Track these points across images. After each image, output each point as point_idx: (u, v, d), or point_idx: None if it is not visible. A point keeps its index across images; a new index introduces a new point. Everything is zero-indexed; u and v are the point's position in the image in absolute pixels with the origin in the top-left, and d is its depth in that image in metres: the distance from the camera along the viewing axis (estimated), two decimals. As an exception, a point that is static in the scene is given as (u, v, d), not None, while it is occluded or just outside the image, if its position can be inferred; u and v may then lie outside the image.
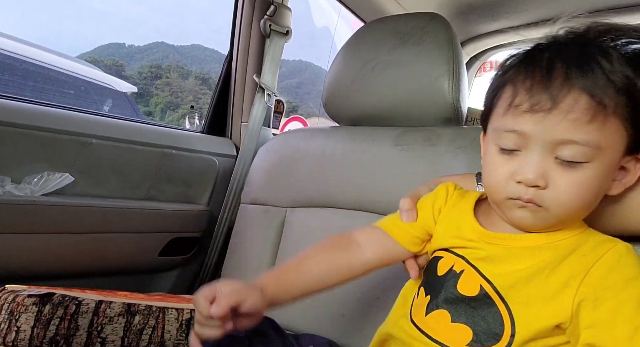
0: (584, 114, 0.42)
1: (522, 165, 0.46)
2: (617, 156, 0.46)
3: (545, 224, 0.48)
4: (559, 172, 0.45)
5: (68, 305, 0.66)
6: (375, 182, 0.88)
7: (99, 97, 2.92)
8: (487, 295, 0.49)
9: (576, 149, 0.43)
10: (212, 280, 1.27)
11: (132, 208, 1.06)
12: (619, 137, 0.45)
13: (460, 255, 0.53)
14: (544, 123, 0.44)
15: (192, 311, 0.76)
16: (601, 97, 0.42)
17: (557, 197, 0.45)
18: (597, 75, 0.43)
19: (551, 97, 0.43)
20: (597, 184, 0.46)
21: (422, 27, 0.90)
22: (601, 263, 0.45)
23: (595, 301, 0.44)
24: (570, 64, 0.44)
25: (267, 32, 1.26)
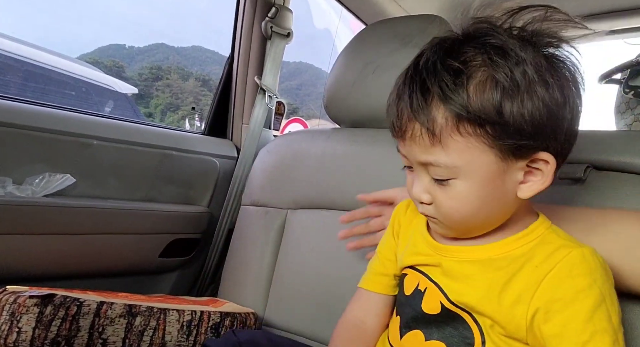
0: (425, 140, 0.46)
1: (412, 184, 0.50)
2: (489, 166, 0.45)
3: (453, 232, 0.51)
4: (437, 189, 0.48)
5: (69, 306, 0.66)
6: (376, 183, 0.88)
7: (99, 98, 2.93)
8: (449, 310, 0.50)
9: (436, 169, 0.46)
10: (213, 282, 1.27)
11: (133, 209, 1.06)
12: (477, 152, 0.45)
13: (423, 272, 0.55)
14: (405, 147, 0.49)
15: (193, 313, 0.76)
16: (429, 125, 0.45)
17: (440, 211, 0.49)
18: (425, 107, 0.45)
19: (400, 128, 0.48)
20: (474, 195, 0.46)
21: (423, 29, 0.90)
22: (552, 275, 0.45)
23: (546, 314, 0.44)
24: (407, 100, 0.47)
25: (269, 34, 1.26)
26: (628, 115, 0.94)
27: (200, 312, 0.77)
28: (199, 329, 0.75)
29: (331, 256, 0.91)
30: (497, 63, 0.43)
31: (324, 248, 0.92)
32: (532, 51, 0.45)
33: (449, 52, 0.46)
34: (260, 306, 0.97)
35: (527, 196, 0.47)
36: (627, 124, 0.94)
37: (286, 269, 0.97)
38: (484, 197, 0.47)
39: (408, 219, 0.62)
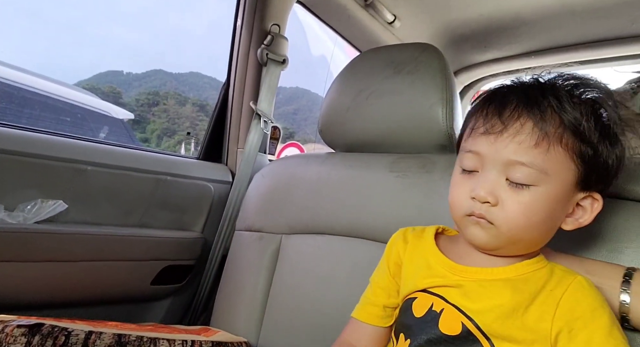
0: (529, 138, 0.48)
1: (477, 183, 0.50)
2: (566, 186, 0.49)
3: (497, 242, 0.51)
4: (508, 192, 0.49)
5: (57, 336, 0.64)
6: (371, 208, 0.88)
7: (95, 124, 2.94)
8: (469, 332, 0.50)
9: (523, 170, 0.48)
10: (205, 309, 1.24)
11: (126, 235, 1.05)
12: (566, 167, 0.49)
13: (438, 294, 0.55)
14: (495, 144, 0.49)
15: (184, 342, 0.74)
16: (544, 125, 0.48)
17: (505, 215, 0.49)
18: (542, 108, 0.49)
19: (502, 122, 0.49)
20: (544, 207, 0.49)
21: (415, 57, 0.92)
22: (567, 296, 0.48)
23: (570, 333, 0.47)
24: (521, 98, 0.50)
25: (264, 60, 1.28)
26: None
27: (192, 341, 0.75)
28: (190, 359, 0.73)
29: (326, 281, 0.89)
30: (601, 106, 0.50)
31: (319, 274, 0.91)
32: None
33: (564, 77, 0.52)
34: (253, 334, 0.94)
35: (570, 228, 0.52)
36: (619, 149, 0.95)
37: (281, 295, 0.95)
38: (549, 212, 0.49)
39: (411, 246, 0.63)
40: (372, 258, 0.85)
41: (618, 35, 1.33)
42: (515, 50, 1.47)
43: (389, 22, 1.38)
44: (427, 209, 0.81)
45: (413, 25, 1.41)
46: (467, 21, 1.35)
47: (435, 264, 0.57)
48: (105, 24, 51.15)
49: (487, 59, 1.56)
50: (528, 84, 0.53)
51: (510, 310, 0.49)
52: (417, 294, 0.57)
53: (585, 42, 1.38)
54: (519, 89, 0.52)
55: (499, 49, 1.48)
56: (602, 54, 1.38)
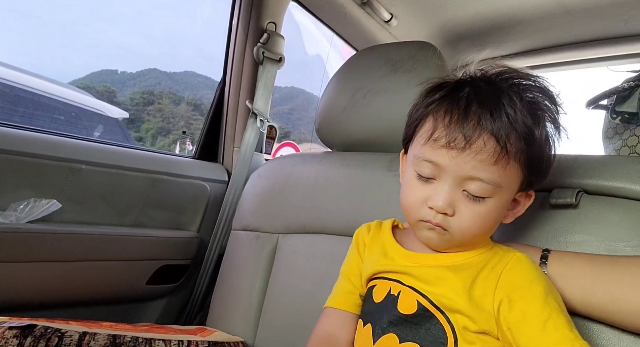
0: (491, 156, 0.49)
1: (435, 193, 0.52)
2: (513, 193, 0.54)
3: (448, 245, 0.55)
4: (464, 204, 0.51)
5: (50, 337, 0.63)
6: (368, 207, 0.88)
7: (89, 123, 2.91)
8: (425, 308, 0.54)
9: (480, 185, 0.50)
10: (202, 309, 1.23)
11: (121, 235, 1.04)
12: (516, 177, 0.52)
13: (395, 279, 0.58)
14: (457, 159, 0.50)
15: (180, 343, 0.73)
16: (505, 142, 0.49)
17: (460, 225, 0.52)
18: (504, 121, 0.49)
19: (465, 137, 0.49)
20: (495, 215, 0.53)
21: (413, 55, 0.91)
22: (507, 270, 0.52)
23: (509, 303, 0.50)
24: (483, 108, 0.49)
25: (260, 59, 1.28)
26: (616, 140, 0.96)
27: (188, 342, 0.74)
28: (186, 360, 0.72)
29: (323, 280, 0.89)
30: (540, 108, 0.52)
31: (316, 273, 0.91)
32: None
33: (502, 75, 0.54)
34: (250, 334, 0.94)
35: (509, 221, 0.57)
36: (616, 149, 0.95)
37: (277, 295, 0.95)
38: (497, 217, 0.54)
39: (371, 236, 0.67)
40: (370, 257, 0.85)
41: (612, 34, 1.33)
42: (511, 50, 1.48)
43: (385, 21, 1.38)
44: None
45: (410, 24, 1.41)
46: (463, 20, 1.35)
47: (391, 251, 0.61)
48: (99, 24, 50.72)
49: (484, 58, 1.56)
50: (482, 88, 0.52)
51: (458, 286, 0.52)
52: (376, 282, 0.61)
53: (580, 41, 1.39)
54: (477, 91, 0.51)
55: (495, 48, 1.47)
56: (597, 53, 1.38)
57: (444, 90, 0.55)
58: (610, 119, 0.99)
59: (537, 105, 0.52)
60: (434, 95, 0.55)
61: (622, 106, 0.95)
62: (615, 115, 0.97)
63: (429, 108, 0.55)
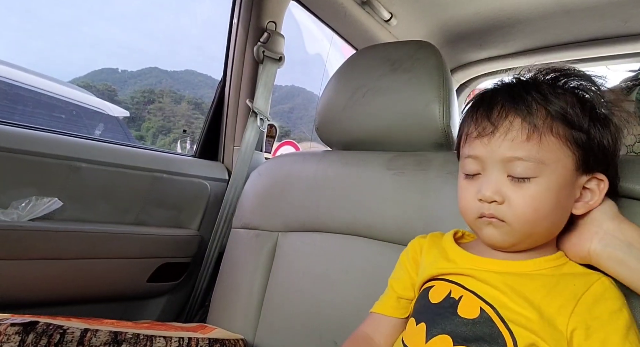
0: (520, 133, 0.50)
1: (481, 185, 0.53)
2: (566, 172, 0.51)
3: (512, 239, 0.52)
4: (512, 189, 0.51)
5: (52, 334, 0.64)
6: (367, 206, 0.88)
7: (90, 121, 2.92)
8: (488, 317, 0.50)
9: (522, 164, 0.50)
10: (202, 306, 1.24)
11: (121, 233, 1.04)
12: (562, 154, 0.51)
13: (456, 282, 0.55)
14: (490, 145, 0.52)
15: (181, 340, 0.74)
16: (531, 119, 0.50)
17: (515, 211, 0.50)
18: (527, 103, 0.51)
19: (491, 123, 0.52)
20: (550, 196, 0.50)
21: (412, 54, 0.92)
22: (589, 294, 0.49)
23: (587, 330, 0.47)
24: (506, 97, 0.53)
25: (261, 58, 1.28)
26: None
27: (188, 339, 0.75)
28: (186, 356, 0.73)
29: (323, 279, 0.90)
30: (585, 92, 0.53)
31: (316, 271, 0.91)
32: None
33: (544, 72, 0.55)
34: (250, 331, 0.94)
35: (581, 212, 0.53)
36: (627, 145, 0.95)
37: (277, 293, 0.95)
38: (555, 201, 0.51)
39: (429, 242, 0.65)
40: (369, 256, 0.86)
41: (612, 34, 1.34)
42: (511, 49, 1.48)
43: (385, 20, 1.38)
44: (424, 206, 0.81)
45: (409, 24, 1.41)
46: (463, 19, 1.35)
47: (454, 256, 0.59)
48: (100, 23, 50.86)
49: (483, 57, 1.57)
50: (511, 84, 0.55)
51: (529, 298, 0.50)
52: (434, 283, 0.58)
53: (580, 40, 1.39)
54: (502, 89, 0.55)
55: (494, 47, 1.48)
56: (596, 52, 1.39)
57: (477, 96, 0.58)
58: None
59: (576, 89, 0.53)
60: (470, 103, 0.58)
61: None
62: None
63: (465, 114, 0.58)
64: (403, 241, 0.82)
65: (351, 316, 0.83)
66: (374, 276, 0.83)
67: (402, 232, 0.83)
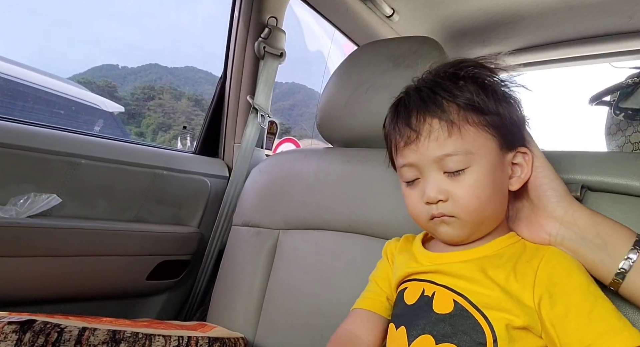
0: (442, 132, 0.53)
1: (424, 189, 0.55)
2: (493, 154, 0.54)
3: (466, 230, 0.55)
4: (451, 184, 0.53)
5: (50, 333, 0.63)
6: (368, 203, 0.88)
7: (85, 116, 2.90)
8: (462, 308, 0.52)
9: (452, 159, 0.53)
10: (202, 304, 1.23)
11: (121, 230, 1.04)
12: (483, 140, 0.54)
13: (427, 280, 0.57)
14: (418, 150, 0.55)
15: (180, 339, 0.73)
16: (446, 116, 0.53)
17: (460, 203, 0.53)
18: (439, 102, 0.54)
19: (413, 130, 0.55)
20: (487, 181, 0.53)
21: (414, 50, 0.91)
22: (544, 263, 0.52)
23: (551, 298, 0.49)
24: (418, 102, 0.56)
25: (261, 54, 1.27)
26: (619, 136, 0.95)
27: (188, 337, 0.74)
28: (186, 355, 0.72)
29: (324, 277, 0.89)
30: (483, 79, 0.56)
31: (317, 269, 0.90)
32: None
33: (443, 70, 0.58)
34: (250, 330, 0.94)
35: (516, 187, 0.56)
36: (618, 146, 0.95)
37: (278, 291, 0.95)
38: (493, 184, 0.54)
39: (401, 246, 0.67)
40: (370, 253, 0.85)
41: (616, 30, 1.32)
42: (513, 46, 1.47)
43: (387, 16, 1.37)
44: (426, 204, 0.80)
45: (411, 19, 1.40)
46: (465, 16, 1.34)
47: (420, 257, 0.61)
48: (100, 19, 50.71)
49: (486, 54, 1.55)
50: (418, 88, 0.58)
51: (495, 281, 0.52)
52: (407, 284, 0.60)
53: (583, 37, 1.38)
54: (412, 96, 0.58)
55: (497, 44, 1.47)
56: (600, 49, 1.38)
57: (392, 107, 0.61)
58: (613, 115, 0.99)
59: (477, 77, 0.56)
60: (388, 118, 0.62)
61: (625, 102, 0.94)
62: (618, 112, 0.96)
63: (386, 128, 0.62)
64: (404, 239, 0.82)
65: (338, 305, 0.82)
66: (375, 274, 0.83)
67: (403, 230, 0.82)
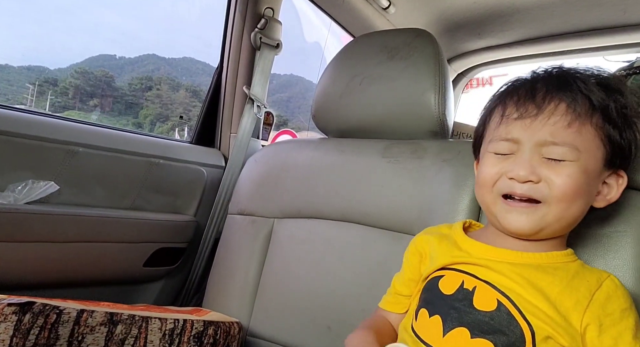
0: (563, 119, 0.50)
1: (514, 164, 0.52)
2: (596, 164, 0.52)
3: (543, 223, 0.51)
4: (548, 168, 0.50)
5: (49, 314, 0.65)
6: (363, 193, 0.89)
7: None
8: (505, 309, 0.50)
9: (558, 149, 0.50)
10: (198, 291, 1.25)
11: (118, 217, 1.05)
12: (595, 146, 0.51)
13: (468, 272, 0.54)
14: (531, 127, 0.51)
15: (176, 321, 0.75)
16: (576, 106, 0.51)
17: (554, 188, 0.50)
18: (574, 90, 0.51)
19: (536, 105, 0.52)
20: (584, 180, 0.50)
21: (409, 42, 0.92)
22: (602, 290, 0.50)
23: (600, 327, 0.48)
24: (550, 83, 0.53)
25: (258, 44, 1.28)
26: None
27: (183, 320, 0.76)
28: (181, 337, 0.74)
29: (318, 265, 0.91)
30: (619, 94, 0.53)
31: (311, 257, 0.92)
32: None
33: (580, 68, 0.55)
34: (245, 316, 0.96)
35: (601, 206, 0.55)
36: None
37: (272, 278, 0.97)
38: (588, 187, 0.51)
39: (439, 234, 0.63)
40: (363, 242, 0.87)
41: (610, 24, 1.33)
42: (509, 39, 1.48)
43: (383, 8, 1.37)
44: (418, 194, 0.82)
45: (408, 12, 1.40)
46: (461, 8, 1.35)
47: (466, 246, 0.58)
48: (97, 9, 50.21)
49: (481, 47, 1.56)
50: (552, 72, 0.55)
51: (545, 292, 0.50)
52: (443, 272, 0.57)
53: (578, 30, 1.39)
54: (543, 77, 0.55)
55: (492, 37, 1.48)
56: (594, 43, 1.38)
57: (507, 84, 0.58)
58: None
59: (611, 86, 0.53)
60: (498, 92, 0.58)
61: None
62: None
63: (494, 101, 0.58)
64: (397, 228, 0.84)
65: (346, 302, 0.84)
66: (368, 262, 0.85)
67: (396, 219, 0.84)
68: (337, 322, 0.85)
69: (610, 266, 0.60)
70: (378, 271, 0.82)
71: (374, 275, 0.83)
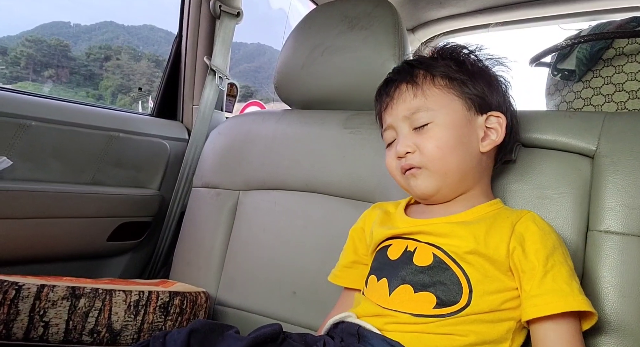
0: (408, 94, 0.63)
1: (396, 145, 0.63)
2: (457, 114, 0.61)
3: (433, 182, 0.60)
4: (418, 138, 0.61)
5: (7, 290, 0.64)
6: (325, 164, 0.91)
7: None
8: (441, 261, 0.57)
9: (416, 115, 0.61)
10: (165, 264, 1.26)
11: (77, 193, 1.03)
12: (448, 100, 0.62)
13: (412, 238, 0.61)
14: (392, 111, 0.65)
15: (141, 293, 0.76)
16: (416, 80, 0.63)
17: (424, 152, 0.60)
18: (413, 73, 0.64)
19: (388, 95, 0.66)
20: (449, 134, 0.60)
21: (369, 12, 0.92)
22: (521, 222, 0.57)
23: (523, 251, 0.55)
24: (396, 74, 0.67)
25: (217, 13, 1.24)
26: (556, 96, 1.01)
27: (149, 292, 0.77)
28: (147, 308, 0.75)
29: (282, 234, 0.93)
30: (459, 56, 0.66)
31: (276, 227, 0.94)
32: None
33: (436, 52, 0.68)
34: (212, 286, 0.97)
35: (487, 149, 0.62)
36: (556, 105, 1.01)
37: (238, 249, 0.98)
38: (456, 140, 0.60)
39: (384, 211, 0.71)
40: (326, 211, 0.89)
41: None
42: (470, 7, 1.48)
43: (346, -24, 1.35)
44: (378, 164, 0.84)
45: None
46: (424, -24, 1.34)
47: (399, 221, 0.66)
48: (47, -30, 46.12)
49: (444, 16, 1.57)
50: (400, 66, 0.69)
51: (473, 236, 0.56)
52: (391, 241, 0.64)
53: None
54: (393, 71, 0.69)
55: (454, 5, 1.49)
56: (550, 11, 1.42)
57: (382, 82, 0.70)
58: (552, 76, 1.04)
59: (454, 51, 0.66)
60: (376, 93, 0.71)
61: (562, 64, 0.99)
62: (556, 73, 1.01)
63: (375, 99, 0.71)
64: (358, 197, 0.86)
65: (310, 268, 0.87)
66: (330, 229, 0.87)
67: (357, 189, 0.87)
68: (301, 288, 0.88)
69: (554, 226, 0.64)
70: (340, 237, 0.85)
71: (337, 242, 0.85)
